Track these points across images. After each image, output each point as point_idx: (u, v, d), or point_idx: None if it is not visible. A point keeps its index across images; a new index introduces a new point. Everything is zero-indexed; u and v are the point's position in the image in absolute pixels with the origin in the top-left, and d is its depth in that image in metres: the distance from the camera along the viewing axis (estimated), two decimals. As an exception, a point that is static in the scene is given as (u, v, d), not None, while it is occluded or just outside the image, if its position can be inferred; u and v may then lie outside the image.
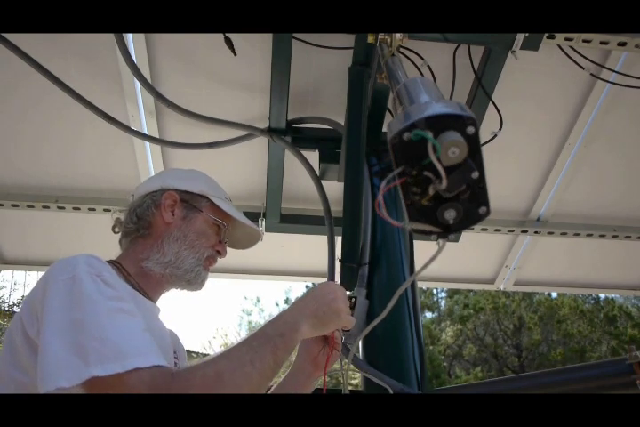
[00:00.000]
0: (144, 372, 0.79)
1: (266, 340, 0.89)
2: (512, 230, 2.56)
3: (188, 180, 1.28)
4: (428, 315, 14.72)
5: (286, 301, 15.73)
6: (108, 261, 1.13)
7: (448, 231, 0.62)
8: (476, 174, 0.60)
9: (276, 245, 2.58)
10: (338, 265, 1.62)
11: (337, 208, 1.80)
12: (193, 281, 1.19)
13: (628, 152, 2.39)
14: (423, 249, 1.52)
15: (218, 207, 1.24)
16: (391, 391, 1.28)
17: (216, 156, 2.18)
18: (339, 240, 1.68)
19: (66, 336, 0.82)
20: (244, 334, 14.34)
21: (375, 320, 0.92)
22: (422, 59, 1.92)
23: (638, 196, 2.54)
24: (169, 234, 1.18)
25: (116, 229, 1.26)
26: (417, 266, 1.67)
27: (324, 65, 2.02)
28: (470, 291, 13.22)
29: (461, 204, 0.61)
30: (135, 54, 1.92)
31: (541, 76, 2.10)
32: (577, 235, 2.58)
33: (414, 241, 1.69)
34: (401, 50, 1.73)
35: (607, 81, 2.05)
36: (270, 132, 2.01)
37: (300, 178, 2.22)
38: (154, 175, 1.42)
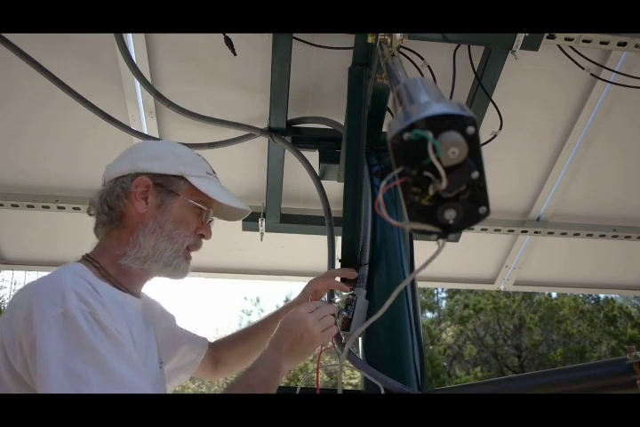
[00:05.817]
0: None
1: (251, 391, 0.97)
2: (512, 230, 2.56)
3: (161, 159, 1.15)
4: (428, 315, 14.72)
5: (286, 301, 15.74)
6: (85, 258, 1.09)
7: (448, 231, 0.62)
8: (476, 174, 0.60)
9: (275, 245, 2.58)
10: (338, 265, 1.62)
11: (337, 208, 1.79)
12: (173, 273, 1.13)
13: (628, 152, 2.39)
14: (423, 249, 1.52)
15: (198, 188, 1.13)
16: (382, 391, 1.28)
17: (216, 156, 2.16)
18: (339, 240, 1.68)
19: (70, 391, 0.81)
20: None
21: (372, 318, 0.92)
22: (422, 59, 1.92)
23: (638, 196, 2.54)
24: (144, 226, 1.09)
25: (91, 212, 1.17)
26: (417, 266, 1.67)
27: (323, 65, 2.01)
28: (470, 291, 13.21)
29: (461, 204, 0.61)
30: (135, 54, 1.92)
31: (541, 76, 2.10)
32: (577, 235, 2.57)
33: (414, 241, 1.69)
34: (401, 50, 1.73)
35: (607, 81, 2.05)
36: (270, 132, 2.01)
37: (300, 178, 2.22)
38: (124, 152, 1.23)
